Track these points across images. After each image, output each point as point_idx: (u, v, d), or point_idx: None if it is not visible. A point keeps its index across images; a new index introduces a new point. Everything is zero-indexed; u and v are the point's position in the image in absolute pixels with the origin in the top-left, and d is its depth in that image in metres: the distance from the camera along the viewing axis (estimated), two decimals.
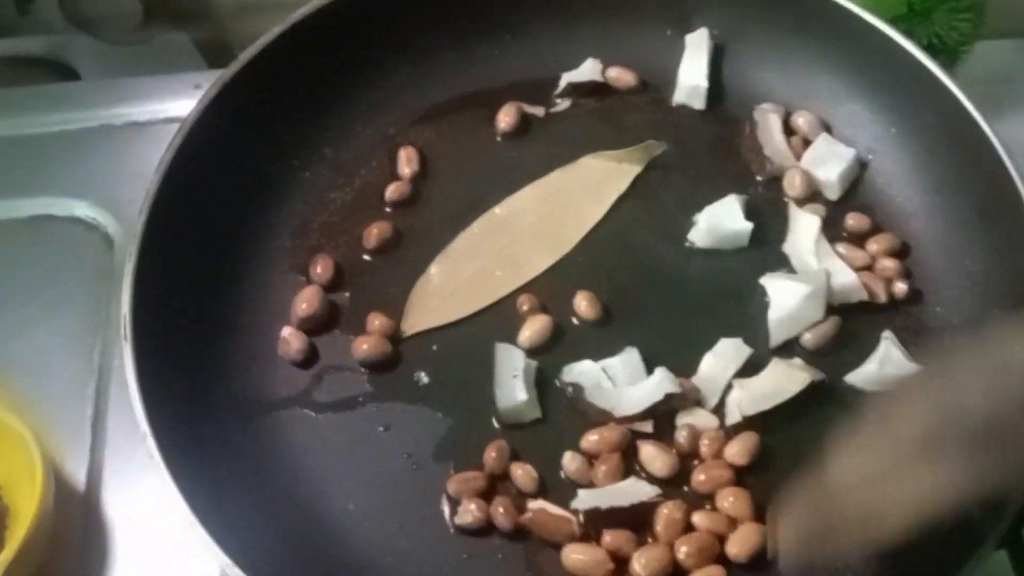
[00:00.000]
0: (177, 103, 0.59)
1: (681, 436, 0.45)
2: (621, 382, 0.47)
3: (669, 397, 0.46)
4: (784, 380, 0.46)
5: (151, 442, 0.40)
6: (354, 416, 0.47)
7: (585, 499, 0.44)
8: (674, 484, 0.45)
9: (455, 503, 0.44)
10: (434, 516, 0.44)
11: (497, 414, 0.46)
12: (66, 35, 0.66)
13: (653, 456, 0.45)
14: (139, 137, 0.58)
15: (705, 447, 0.45)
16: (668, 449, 0.45)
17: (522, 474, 0.45)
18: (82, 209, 0.56)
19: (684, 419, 0.46)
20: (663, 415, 0.46)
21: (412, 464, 0.46)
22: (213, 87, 0.48)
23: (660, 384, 0.46)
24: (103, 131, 0.59)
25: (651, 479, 0.45)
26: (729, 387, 0.47)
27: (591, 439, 0.45)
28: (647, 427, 0.46)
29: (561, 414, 0.47)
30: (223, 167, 0.49)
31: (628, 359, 0.47)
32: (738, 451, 0.45)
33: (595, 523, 0.43)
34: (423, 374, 0.48)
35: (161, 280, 0.45)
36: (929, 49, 0.57)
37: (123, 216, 0.55)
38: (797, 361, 0.47)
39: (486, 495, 0.44)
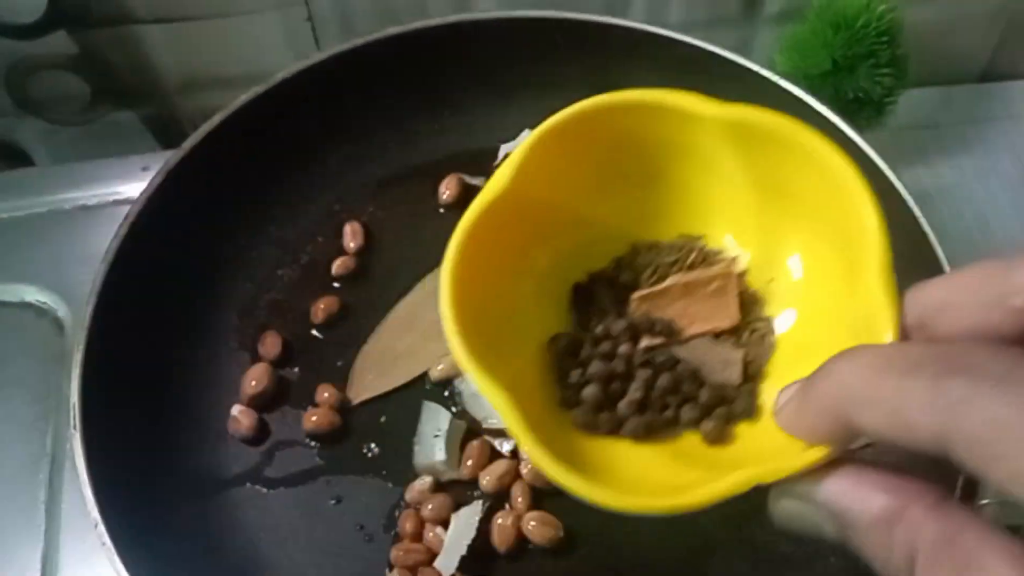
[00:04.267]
0: (125, 185, 0.60)
1: None
2: None
3: None
4: None
5: (102, 529, 0.40)
6: (305, 490, 0.47)
7: None
8: None
9: None
10: None
11: (414, 468, 0.48)
12: (15, 119, 0.67)
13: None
14: (88, 220, 0.59)
15: None
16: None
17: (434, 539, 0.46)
18: (32, 294, 0.57)
19: None
20: None
21: (364, 535, 0.46)
22: (158, 175, 0.49)
23: None
24: (51, 216, 0.60)
25: None
26: None
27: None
28: (507, 445, 0.48)
29: None
30: (170, 251, 0.50)
31: None
32: None
33: None
34: (373, 445, 0.49)
35: (110, 366, 0.45)
36: (855, 102, 0.60)
37: (73, 300, 0.56)
38: None
39: (424, 565, 0.45)
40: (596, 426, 0.33)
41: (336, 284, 0.54)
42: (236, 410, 0.49)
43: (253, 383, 0.49)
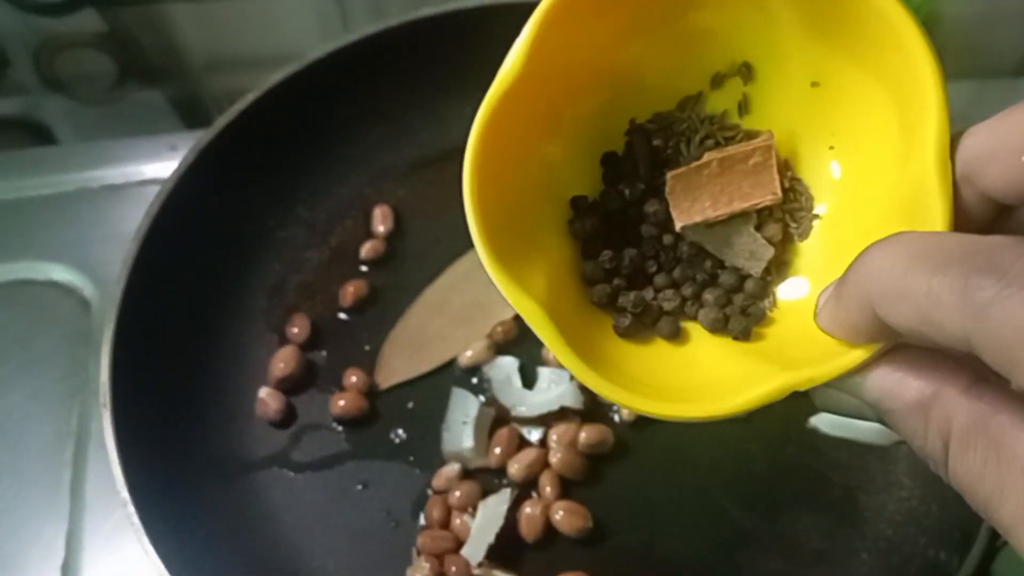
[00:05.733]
0: (152, 165, 0.60)
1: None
2: (536, 387, 0.48)
3: (564, 410, 0.47)
4: None
5: (131, 508, 0.40)
6: (332, 474, 0.47)
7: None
8: None
9: None
10: None
11: (442, 454, 0.47)
12: (41, 96, 0.67)
13: None
14: (115, 200, 0.59)
15: None
16: None
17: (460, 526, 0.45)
18: (59, 273, 0.56)
19: None
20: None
21: (391, 521, 0.46)
22: (190, 153, 0.49)
23: (561, 396, 0.47)
24: (79, 195, 0.59)
25: None
26: None
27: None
28: (536, 433, 0.47)
29: None
30: (199, 231, 0.49)
31: (559, 375, 0.48)
32: None
33: None
34: (400, 430, 0.48)
35: (139, 345, 0.45)
36: None
37: (100, 279, 0.55)
38: None
39: (451, 553, 0.45)
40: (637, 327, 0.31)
41: (365, 268, 0.53)
42: (264, 392, 0.48)
43: (281, 365, 0.49)
